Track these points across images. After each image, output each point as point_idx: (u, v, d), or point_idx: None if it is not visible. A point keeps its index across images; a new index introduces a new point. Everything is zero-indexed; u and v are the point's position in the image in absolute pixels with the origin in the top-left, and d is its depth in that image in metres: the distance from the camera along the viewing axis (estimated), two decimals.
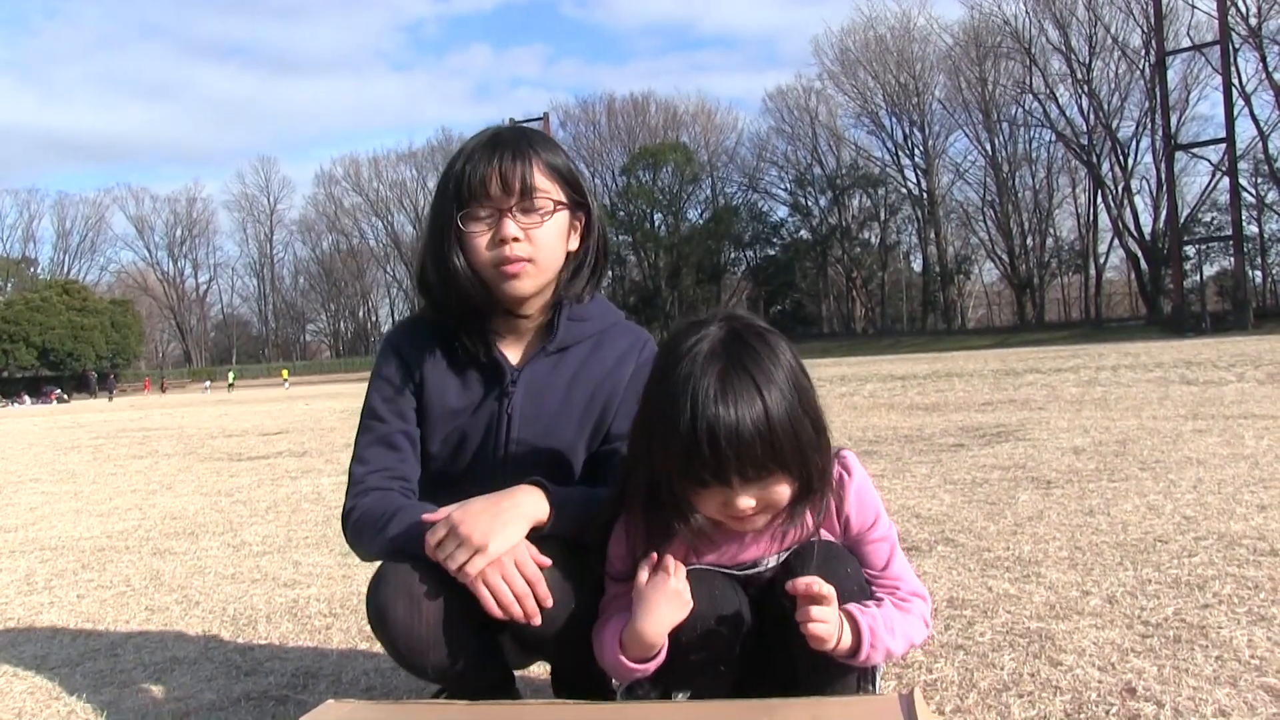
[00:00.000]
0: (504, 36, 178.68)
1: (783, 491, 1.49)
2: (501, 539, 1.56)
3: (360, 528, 1.76)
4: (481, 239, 1.73)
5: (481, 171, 1.71)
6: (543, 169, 1.74)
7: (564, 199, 1.77)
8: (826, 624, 1.44)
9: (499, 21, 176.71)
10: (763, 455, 1.43)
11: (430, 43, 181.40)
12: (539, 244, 1.73)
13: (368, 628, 2.79)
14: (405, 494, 1.79)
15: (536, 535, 1.61)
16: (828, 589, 1.45)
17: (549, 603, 1.57)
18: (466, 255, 1.75)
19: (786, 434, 1.43)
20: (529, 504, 1.62)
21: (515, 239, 1.71)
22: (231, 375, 72.05)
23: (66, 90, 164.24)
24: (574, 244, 1.83)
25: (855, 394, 13.33)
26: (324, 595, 3.27)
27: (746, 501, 1.46)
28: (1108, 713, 1.83)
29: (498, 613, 1.55)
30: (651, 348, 1.89)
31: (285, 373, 75.80)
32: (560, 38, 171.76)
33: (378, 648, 2.61)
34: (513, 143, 1.74)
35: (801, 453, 1.46)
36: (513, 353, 1.84)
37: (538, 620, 1.57)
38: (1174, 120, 59.28)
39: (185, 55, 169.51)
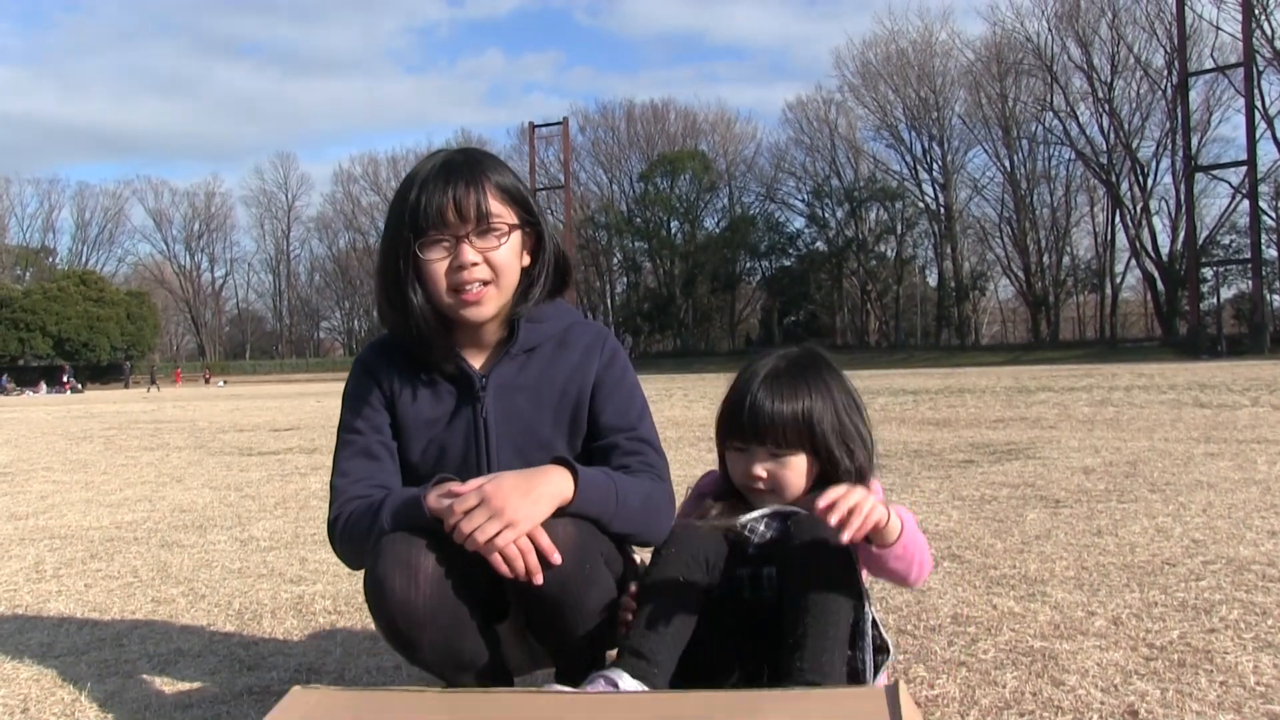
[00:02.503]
0: (517, 42, 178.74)
1: (791, 476, 1.88)
2: (532, 515, 1.60)
3: (350, 527, 1.78)
4: (439, 265, 1.77)
5: (438, 200, 1.74)
6: (495, 193, 1.78)
7: (516, 220, 1.82)
8: (864, 505, 1.68)
9: (512, 27, 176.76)
10: (784, 434, 1.86)
11: (443, 46, 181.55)
12: (497, 266, 1.79)
13: (373, 626, 2.80)
14: None
15: (558, 512, 1.65)
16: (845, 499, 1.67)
17: (555, 558, 1.60)
18: (425, 284, 1.79)
19: (810, 429, 1.88)
20: (557, 482, 1.65)
21: (474, 264, 1.76)
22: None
23: (84, 83, 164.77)
24: (525, 260, 1.87)
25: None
26: (329, 592, 3.28)
27: (759, 470, 1.87)
28: None
29: (506, 571, 1.59)
30: (613, 341, 1.96)
31: None
32: (573, 45, 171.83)
33: (382, 645, 2.62)
34: (465, 169, 1.78)
35: (825, 450, 1.90)
36: (476, 360, 1.89)
37: (539, 579, 1.60)
38: (1195, 141, 58.99)
39: (200, 52, 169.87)
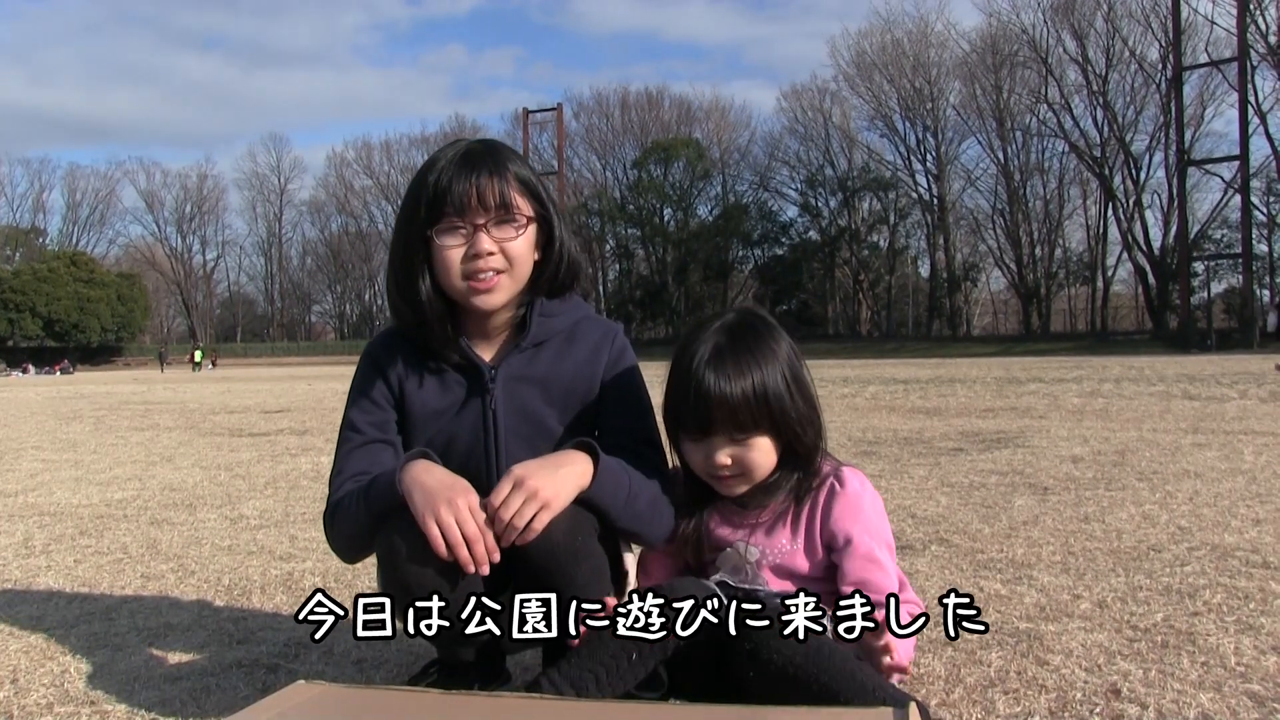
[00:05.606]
0: (479, 39, 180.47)
1: (759, 457, 1.75)
2: (561, 494, 1.63)
3: (339, 507, 1.78)
4: (455, 253, 1.76)
5: (460, 186, 1.73)
6: (516, 184, 1.78)
7: (533, 214, 1.81)
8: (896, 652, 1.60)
9: (472, 25, 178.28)
10: (742, 417, 1.71)
11: (405, 40, 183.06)
12: (512, 257, 1.78)
13: (362, 602, 2.81)
14: None
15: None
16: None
17: (495, 557, 1.60)
18: (437, 269, 1.79)
19: (767, 404, 1.71)
20: (580, 468, 1.67)
21: (490, 253, 1.75)
22: None
23: (54, 70, 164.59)
24: (536, 256, 1.87)
25: (857, 395, 13.34)
26: (319, 569, 3.29)
27: (723, 459, 1.74)
28: (1091, 712, 1.84)
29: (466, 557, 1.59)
30: (622, 338, 1.95)
31: None
32: (532, 42, 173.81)
33: None
34: (488, 158, 1.77)
35: (785, 423, 1.74)
36: (486, 352, 1.88)
37: (486, 569, 1.60)
38: (1188, 136, 59.05)
39: (166, 43, 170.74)
